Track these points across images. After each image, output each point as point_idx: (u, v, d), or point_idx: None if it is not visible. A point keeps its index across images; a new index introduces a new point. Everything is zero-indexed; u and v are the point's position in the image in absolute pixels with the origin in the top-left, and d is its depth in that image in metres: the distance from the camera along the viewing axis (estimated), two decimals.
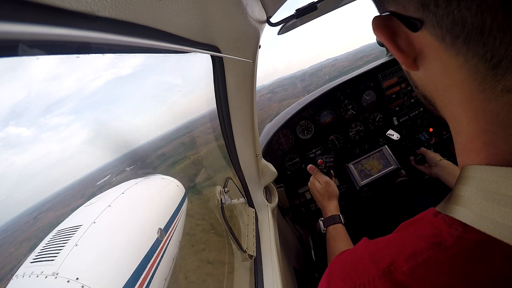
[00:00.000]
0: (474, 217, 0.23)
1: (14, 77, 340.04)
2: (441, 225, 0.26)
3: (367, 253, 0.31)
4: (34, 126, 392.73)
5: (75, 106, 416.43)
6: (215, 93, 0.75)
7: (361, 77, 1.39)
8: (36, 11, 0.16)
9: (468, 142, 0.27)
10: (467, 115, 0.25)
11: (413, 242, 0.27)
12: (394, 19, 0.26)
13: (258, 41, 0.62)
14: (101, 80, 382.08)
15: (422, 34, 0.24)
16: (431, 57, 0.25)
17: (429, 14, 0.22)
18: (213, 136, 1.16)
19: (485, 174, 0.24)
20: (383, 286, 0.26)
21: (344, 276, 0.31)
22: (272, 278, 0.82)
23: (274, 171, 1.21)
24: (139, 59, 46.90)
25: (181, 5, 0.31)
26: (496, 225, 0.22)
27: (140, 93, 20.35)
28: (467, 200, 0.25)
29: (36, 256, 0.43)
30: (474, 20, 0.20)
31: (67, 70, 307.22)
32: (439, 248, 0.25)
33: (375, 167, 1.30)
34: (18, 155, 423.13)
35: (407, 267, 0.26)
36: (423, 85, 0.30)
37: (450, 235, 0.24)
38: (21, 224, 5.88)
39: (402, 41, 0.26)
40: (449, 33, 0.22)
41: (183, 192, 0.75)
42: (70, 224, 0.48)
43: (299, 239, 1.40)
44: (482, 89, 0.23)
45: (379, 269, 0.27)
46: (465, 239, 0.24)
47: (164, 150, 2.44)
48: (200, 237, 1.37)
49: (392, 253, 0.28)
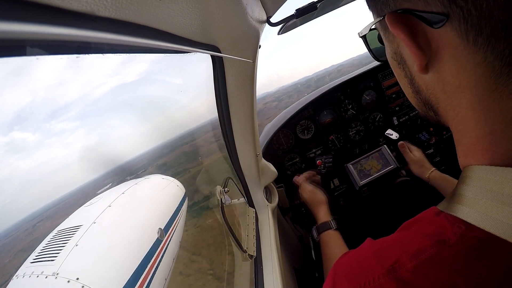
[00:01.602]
0: (478, 217, 0.24)
1: (19, 82, 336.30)
2: (444, 223, 0.26)
3: (371, 252, 0.31)
4: (39, 131, 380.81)
5: (79, 112, 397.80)
6: (215, 93, 0.75)
7: (361, 77, 1.39)
8: (36, 11, 0.16)
9: (473, 143, 0.27)
10: (476, 117, 0.25)
11: (417, 241, 0.27)
12: (410, 17, 0.25)
13: (258, 41, 0.62)
14: (106, 86, 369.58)
15: (444, 30, 0.23)
16: (447, 57, 0.25)
17: (456, 8, 0.22)
18: (216, 146, 1.09)
19: (489, 175, 0.24)
20: (388, 285, 0.26)
21: (349, 276, 0.31)
22: (272, 278, 0.82)
23: (274, 171, 1.21)
24: (142, 65, 46.18)
25: (181, 5, 0.31)
26: (501, 225, 0.22)
27: (143, 100, 20.28)
28: (471, 200, 0.25)
29: (36, 256, 0.43)
30: (501, 14, 0.20)
31: (72, 75, 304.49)
32: (443, 246, 0.25)
33: (374, 167, 1.30)
34: (22, 159, 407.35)
35: (411, 265, 0.26)
36: (429, 90, 0.29)
37: (453, 233, 0.25)
38: (21, 231, 5.85)
39: (421, 39, 0.26)
40: (474, 29, 0.21)
41: (183, 192, 0.75)
42: (70, 224, 0.48)
43: (299, 239, 1.40)
44: (494, 88, 0.23)
45: (383, 267, 0.28)
46: (469, 237, 0.24)
47: (166, 160, 2.39)
48: (195, 279, 1.15)
49: (396, 252, 0.28)
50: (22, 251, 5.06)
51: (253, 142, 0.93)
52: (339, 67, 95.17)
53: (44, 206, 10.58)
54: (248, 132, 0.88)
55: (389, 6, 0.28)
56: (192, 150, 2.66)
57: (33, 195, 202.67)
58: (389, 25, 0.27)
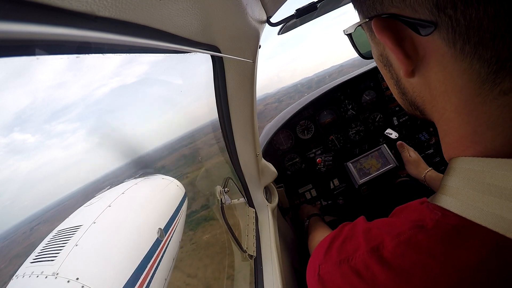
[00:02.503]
0: (460, 206, 0.25)
1: (19, 83, 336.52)
2: (424, 211, 0.28)
3: (361, 230, 0.33)
4: (39, 133, 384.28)
5: (80, 113, 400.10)
6: (215, 93, 0.75)
7: (361, 77, 1.39)
8: (36, 11, 0.16)
9: (456, 141, 0.28)
10: (460, 119, 0.26)
11: (400, 224, 0.29)
12: (397, 22, 0.25)
13: (258, 41, 0.62)
14: (106, 88, 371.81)
15: (431, 38, 0.23)
16: (433, 63, 0.25)
17: (445, 17, 0.21)
18: (215, 149, 1.05)
19: (471, 165, 0.25)
20: (370, 260, 0.28)
21: (340, 249, 0.34)
22: (272, 278, 0.82)
23: (274, 171, 1.21)
24: (142, 66, 46.00)
25: (181, 5, 0.31)
26: (481, 212, 0.23)
27: (143, 101, 20.13)
28: (454, 190, 0.26)
29: (36, 256, 0.43)
30: (490, 24, 0.20)
31: (72, 76, 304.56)
32: (420, 230, 0.26)
33: (374, 166, 1.30)
34: (23, 161, 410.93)
35: (391, 245, 0.27)
36: (414, 92, 0.30)
37: (430, 219, 0.26)
38: (19, 235, 5.79)
39: (408, 45, 0.26)
40: (461, 37, 0.21)
41: (183, 192, 0.75)
42: (70, 224, 0.48)
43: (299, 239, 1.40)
44: (479, 93, 0.23)
45: (369, 245, 0.30)
46: (444, 223, 0.25)
47: (164, 163, 2.35)
48: None
49: (382, 234, 0.30)
50: (17, 256, 4.98)
51: (253, 142, 0.93)
52: (340, 67, 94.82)
53: (42, 209, 10.54)
54: (248, 132, 0.88)
55: (375, 9, 0.27)
56: (191, 153, 2.63)
57: (33, 195, 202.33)
58: (375, 31, 0.27)
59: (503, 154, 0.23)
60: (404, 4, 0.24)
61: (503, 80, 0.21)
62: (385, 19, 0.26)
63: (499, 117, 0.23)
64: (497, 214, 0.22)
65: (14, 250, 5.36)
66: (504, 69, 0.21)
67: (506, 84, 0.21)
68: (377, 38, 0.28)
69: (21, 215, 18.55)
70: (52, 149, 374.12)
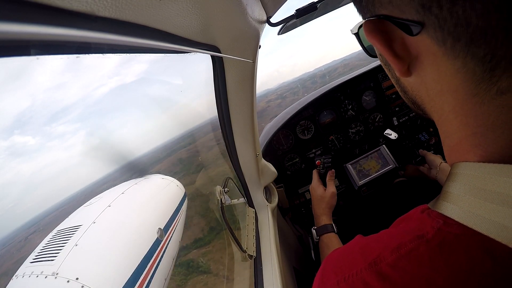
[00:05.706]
0: (462, 213, 0.24)
1: (18, 85, 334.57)
2: (425, 219, 0.27)
3: (358, 247, 0.32)
4: (39, 135, 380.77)
5: (80, 114, 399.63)
6: (215, 93, 0.75)
7: (361, 77, 1.39)
8: (36, 11, 0.16)
9: (456, 143, 0.27)
10: (458, 120, 0.25)
11: (399, 236, 0.27)
12: (387, 23, 0.25)
13: (258, 41, 0.62)
14: (105, 88, 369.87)
15: (420, 38, 0.23)
16: (427, 63, 0.25)
17: (431, 16, 0.21)
18: (213, 154, 1.03)
19: (472, 171, 0.24)
20: (369, 278, 0.27)
21: (336, 270, 0.32)
22: (272, 278, 0.82)
23: (274, 171, 1.21)
24: (142, 66, 45.47)
25: (181, 5, 0.31)
26: (483, 221, 0.22)
27: (141, 101, 20.00)
28: (455, 197, 0.25)
29: (36, 256, 0.43)
30: (479, 20, 0.19)
31: (71, 77, 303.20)
32: (421, 241, 0.25)
33: (373, 167, 1.30)
34: (25, 163, 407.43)
35: (391, 259, 0.26)
36: (413, 91, 0.30)
37: (431, 228, 0.25)
38: (15, 243, 5.65)
39: (398, 46, 0.26)
40: (451, 36, 0.21)
41: (183, 192, 0.75)
42: (70, 224, 0.48)
43: (299, 239, 1.40)
44: (476, 93, 0.23)
45: (366, 261, 0.28)
46: (445, 232, 0.24)
47: (160, 167, 2.27)
48: None
49: (380, 247, 0.28)
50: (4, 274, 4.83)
51: (253, 142, 0.93)
52: (343, 61, 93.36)
53: (42, 212, 10.47)
54: (248, 132, 0.88)
55: (368, 11, 0.28)
56: (188, 156, 2.55)
57: (35, 198, 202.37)
58: (365, 34, 0.27)
59: (505, 158, 0.23)
60: (391, 5, 0.24)
61: (500, 79, 0.21)
62: (375, 20, 0.26)
63: (498, 118, 0.22)
64: (499, 222, 0.21)
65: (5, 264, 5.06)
66: (500, 67, 0.20)
67: (503, 83, 0.21)
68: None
69: (24, 218, 18.29)
70: (53, 150, 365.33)
